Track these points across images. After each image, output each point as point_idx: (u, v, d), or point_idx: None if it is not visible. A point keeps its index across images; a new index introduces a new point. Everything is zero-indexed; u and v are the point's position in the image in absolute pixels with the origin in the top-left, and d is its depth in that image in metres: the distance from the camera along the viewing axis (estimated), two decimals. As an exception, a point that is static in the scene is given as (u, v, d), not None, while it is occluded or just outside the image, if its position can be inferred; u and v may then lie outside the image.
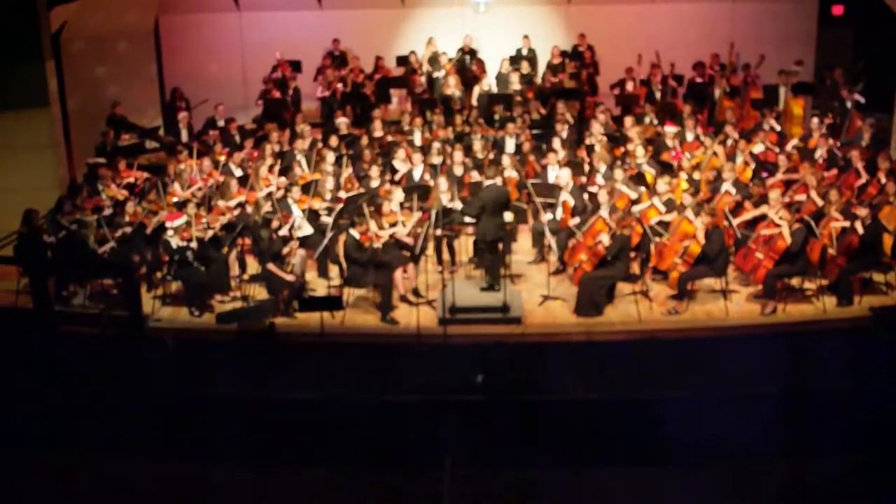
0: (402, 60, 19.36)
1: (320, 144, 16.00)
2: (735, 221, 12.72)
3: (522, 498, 9.74)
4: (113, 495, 9.86)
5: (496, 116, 17.27)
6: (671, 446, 9.95)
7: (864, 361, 11.08)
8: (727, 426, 9.92)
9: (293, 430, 10.42)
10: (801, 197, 13.37)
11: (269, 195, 13.85)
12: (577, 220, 12.90)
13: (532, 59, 19.19)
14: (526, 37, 19.34)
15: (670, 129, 15.68)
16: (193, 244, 12.47)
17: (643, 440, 10.17)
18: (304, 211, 13.53)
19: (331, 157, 14.91)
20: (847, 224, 12.32)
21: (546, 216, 13.37)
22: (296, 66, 19.20)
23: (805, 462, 9.95)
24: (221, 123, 17.33)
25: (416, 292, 12.83)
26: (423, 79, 19.05)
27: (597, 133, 15.92)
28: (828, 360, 11.10)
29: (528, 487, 9.82)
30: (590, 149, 15.49)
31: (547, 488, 9.79)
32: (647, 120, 16.82)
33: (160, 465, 10.23)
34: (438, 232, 13.28)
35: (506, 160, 14.56)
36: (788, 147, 15.44)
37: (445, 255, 13.63)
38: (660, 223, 12.94)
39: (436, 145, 15.58)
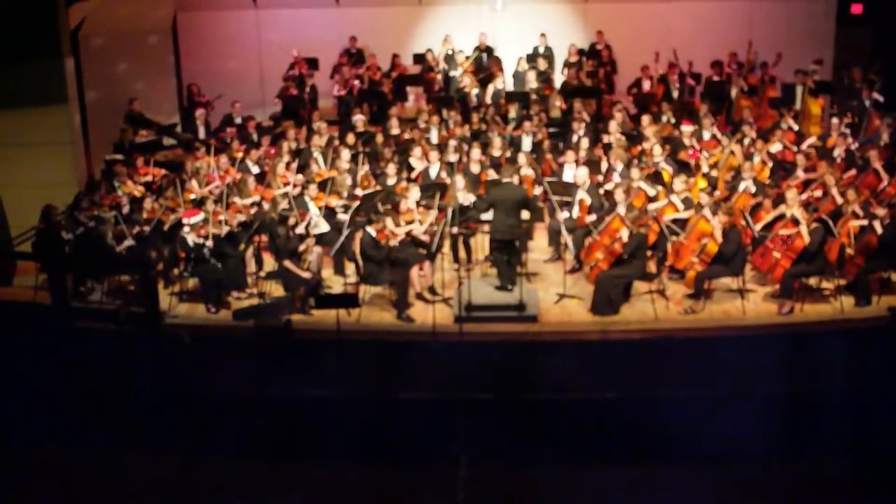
0: (419, 58, 19.36)
1: (337, 142, 16.03)
2: (757, 227, 12.63)
3: (538, 497, 9.74)
4: (128, 491, 9.89)
5: (511, 115, 17.24)
6: (689, 446, 9.92)
7: (881, 362, 11.02)
8: (744, 426, 9.90)
9: (308, 427, 10.44)
10: (818, 193, 13.30)
11: (286, 193, 13.88)
12: (593, 217, 12.88)
13: (549, 56, 19.16)
14: (543, 35, 19.31)
15: (687, 128, 15.64)
16: (210, 241, 12.51)
17: (659, 440, 10.14)
18: (320, 208, 13.56)
19: (347, 154, 14.93)
20: (865, 223, 12.26)
21: (562, 214, 13.35)
22: (312, 63, 19.22)
23: (820, 463, 9.92)
24: (238, 121, 17.38)
25: (431, 290, 12.83)
26: (439, 76, 19.05)
27: (614, 132, 15.89)
28: (845, 360, 11.04)
29: (543, 486, 9.81)
30: (607, 147, 15.46)
31: (563, 487, 9.77)
32: (664, 118, 16.77)
33: (176, 461, 10.26)
34: (454, 230, 13.29)
35: (522, 158, 14.54)
36: (805, 146, 15.38)
37: (461, 253, 13.64)
38: (676, 222, 12.91)
39: (452, 143, 15.57)
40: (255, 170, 15.10)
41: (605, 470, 9.97)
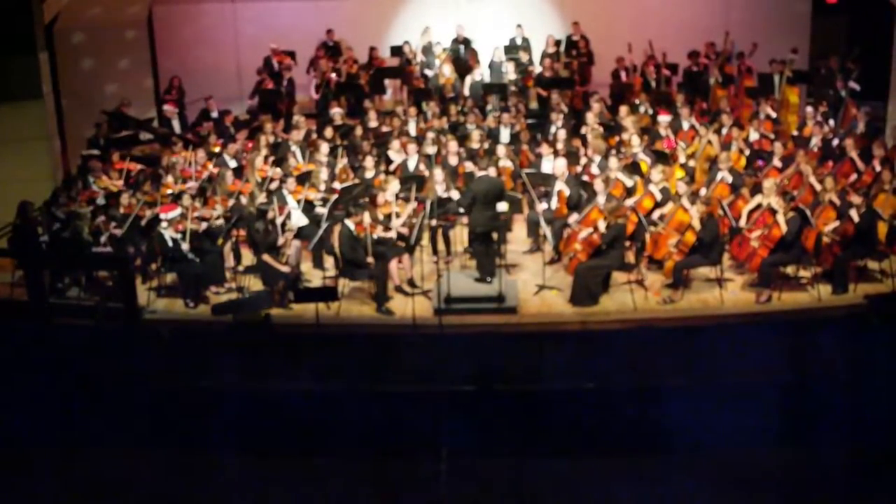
0: (396, 50, 19.32)
1: (315, 135, 15.98)
2: (741, 221, 12.66)
3: (518, 488, 9.76)
4: (108, 488, 9.86)
5: (488, 107, 17.25)
6: (667, 435, 9.97)
7: (859, 349, 11.09)
8: (723, 415, 9.94)
9: (289, 420, 10.43)
10: (796, 193, 13.35)
11: (264, 186, 13.85)
12: (574, 216, 12.87)
13: (528, 47, 19.14)
14: (520, 25, 19.28)
15: (664, 118, 15.68)
16: (188, 236, 12.45)
17: (639, 429, 10.18)
18: (298, 202, 13.52)
19: (325, 147, 14.90)
20: (837, 225, 12.34)
21: (541, 206, 13.37)
22: (292, 56, 19.13)
23: (800, 451, 9.98)
24: (215, 115, 17.29)
25: (411, 283, 12.83)
26: (417, 68, 19.01)
27: (591, 122, 15.90)
28: (823, 348, 11.10)
29: (523, 477, 9.84)
30: (585, 138, 15.49)
31: (543, 478, 9.81)
32: (641, 109, 16.80)
33: (155, 457, 10.23)
34: (433, 222, 13.29)
35: (500, 150, 14.54)
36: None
37: (441, 246, 13.63)
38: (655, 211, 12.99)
39: (430, 135, 15.56)
40: (233, 164, 15.03)
41: (587, 460, 10.00)
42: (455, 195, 13.50)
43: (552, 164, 13.92)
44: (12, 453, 10.35)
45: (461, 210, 13.15)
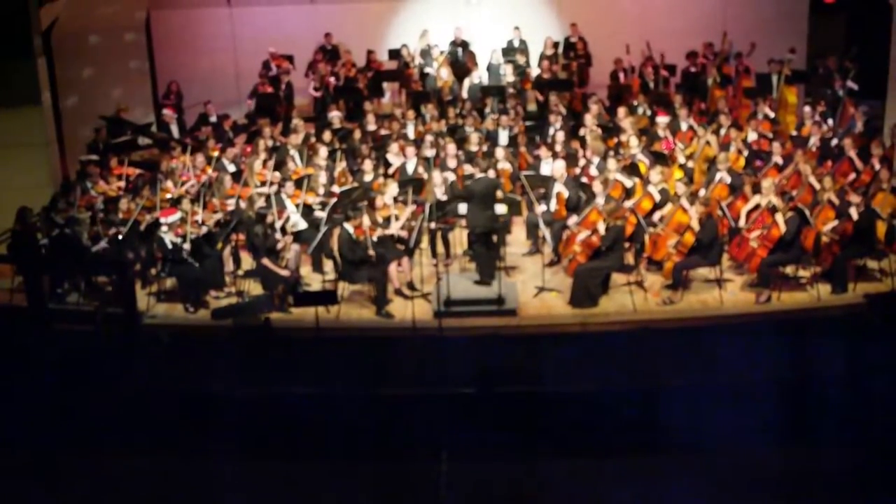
0: (395, 54, 19.32)
1: (313, 139, 15.98)
2: (740, 221, 12.66)
3: (519, 490, 9.75)
4: (108, 493, 9.85)
5: (487, 109, 17.25)
6: (669, 436, 9.96)
7: (859, 349, 11.08)
8: (723, 415, 9.93)
9: (289, 424, 10.42)
10: (794, 192, 13.36)
11: (263, 191, 13.85)
12: (573, 218, 12.87)
13: (525, 50, 19.15)
14: (517, 28, 19.29)
15: (662, 119, 15.68)
16: (187, 241, 12.45)
17: (640, 431, 10.17)
18: (297, 206, 13.52)
19: (324, 151, 14.89)
20: (836, 224, 12.33)
21: (540, 208, 13.37)
22: (289, 58, 19.14)
23: (800, 451, 9.97)
24: (214, 119, 17.29)
25: (410, 286, 12.83)
26: (415, 71, 19.01)
27: (590, 124, 15.90)
28: (823, 347, 11.10)
29: (524, 480, 9.83)
30: (583, 140, 15.49)
31: (544, 480, 9.79)
32: (640, 110, 16.80)
33: (156, 462, 10.22)
34: (433, 225, 13.30)
35: (499, 152, 14.54)
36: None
37: (440, 248, 13.63)
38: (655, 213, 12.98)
39: (429, 138, 15.56)
40: (232, 168, 15.03)
41: (588, 461, 9.99)
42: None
43: (551, 166, 13.92)
44: (11, 458, 10.34)
45: (458, 209, 13.15)
